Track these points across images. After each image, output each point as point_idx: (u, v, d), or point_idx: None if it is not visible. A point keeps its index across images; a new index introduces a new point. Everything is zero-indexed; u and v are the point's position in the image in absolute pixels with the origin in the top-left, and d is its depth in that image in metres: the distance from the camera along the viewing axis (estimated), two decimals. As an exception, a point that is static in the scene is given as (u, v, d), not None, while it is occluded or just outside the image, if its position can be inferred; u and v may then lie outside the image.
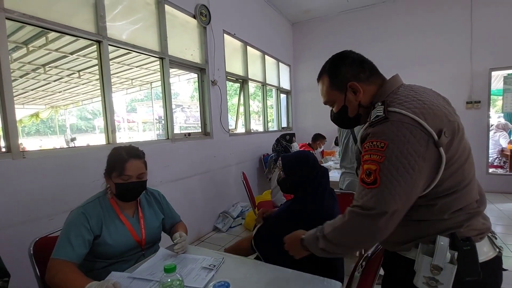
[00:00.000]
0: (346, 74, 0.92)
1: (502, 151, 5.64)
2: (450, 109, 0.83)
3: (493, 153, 5.59)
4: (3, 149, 1.71)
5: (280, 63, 5.71)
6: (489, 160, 5.07)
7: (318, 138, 4.54)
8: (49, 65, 4.76)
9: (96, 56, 2.27)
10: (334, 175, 3.07)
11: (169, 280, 0.75)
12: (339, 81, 0.94)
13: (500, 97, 5.15)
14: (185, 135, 3.21)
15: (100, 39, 2.20)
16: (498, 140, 5.70)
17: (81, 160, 2.04)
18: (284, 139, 4.02)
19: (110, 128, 2.25)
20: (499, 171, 5.41)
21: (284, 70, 5.98)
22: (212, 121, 3.53)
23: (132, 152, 1.31)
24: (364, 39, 5.44)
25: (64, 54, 4.23)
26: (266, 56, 5.09)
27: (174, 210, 1.56)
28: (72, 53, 4.16)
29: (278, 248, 1.30)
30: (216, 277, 1.07)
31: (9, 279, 1.03)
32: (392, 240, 0.87)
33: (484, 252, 0.79)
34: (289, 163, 1.44)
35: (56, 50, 4.02)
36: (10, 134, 1.69)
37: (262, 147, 4.79)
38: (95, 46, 2.28)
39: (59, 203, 1.88)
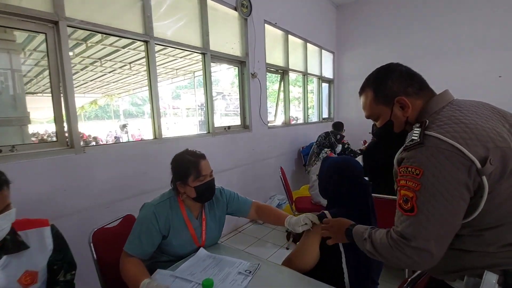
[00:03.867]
0: (393, 88, 0.87)
1: None
2: (504, 130, 0.73)
3: None
4: (67, 145, 1.92)
5: (323, 50, 5.44)
6: None
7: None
8: (104, 58, 5.20)
9: (144, 50, 2.40)
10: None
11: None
12: (385, 96, 0.89)
13: None
14: (225, 128, 3.29)
15: (147, 39, 2.31)
16: None
17: (132, 154, 2.21)
18: (335, 136, 3.91)
19: (156, 125, 2.39)
20: None
21: (327, 57, 5.71)
22: (252, 114, 3.55)
23: (197, 154, 1.35)
24: (422, 20, 4.76)
25: (116, 48, 4.59)
26: (308, 44, 4.89)
27: (241, 197, 1.61)
28: (123, 47, 4.49)
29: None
30: (252, 283, 1.11)
31: (75, 271, 1.13)
32: (436, 267, 0.82)
33: None
34: (327, 168, 1.35)
35: (110, 44, 4.38)
36: (73, 132, 1.88)
37: (301, 139, 4.71)
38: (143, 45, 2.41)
39: (114, 193, 2.08)
